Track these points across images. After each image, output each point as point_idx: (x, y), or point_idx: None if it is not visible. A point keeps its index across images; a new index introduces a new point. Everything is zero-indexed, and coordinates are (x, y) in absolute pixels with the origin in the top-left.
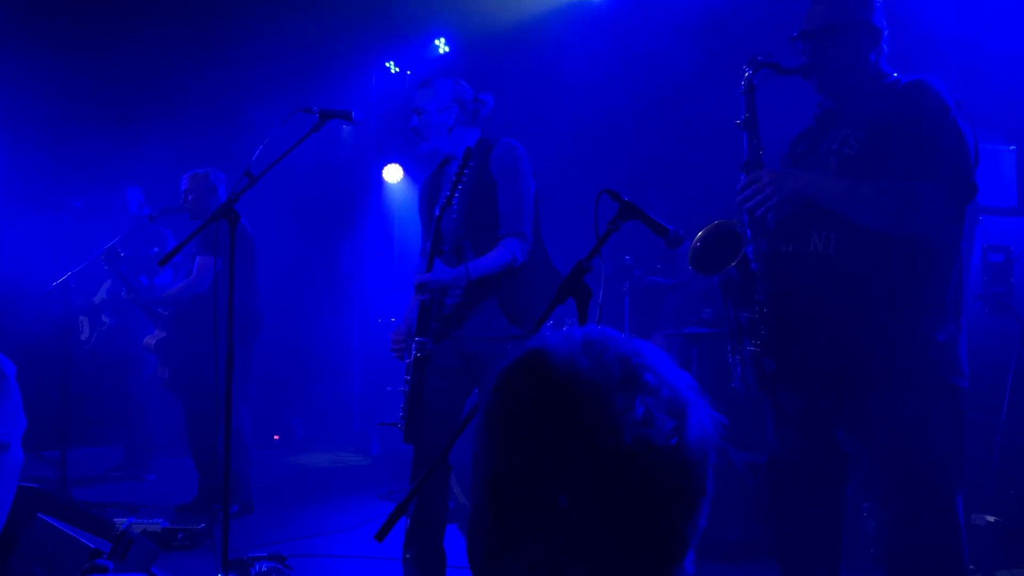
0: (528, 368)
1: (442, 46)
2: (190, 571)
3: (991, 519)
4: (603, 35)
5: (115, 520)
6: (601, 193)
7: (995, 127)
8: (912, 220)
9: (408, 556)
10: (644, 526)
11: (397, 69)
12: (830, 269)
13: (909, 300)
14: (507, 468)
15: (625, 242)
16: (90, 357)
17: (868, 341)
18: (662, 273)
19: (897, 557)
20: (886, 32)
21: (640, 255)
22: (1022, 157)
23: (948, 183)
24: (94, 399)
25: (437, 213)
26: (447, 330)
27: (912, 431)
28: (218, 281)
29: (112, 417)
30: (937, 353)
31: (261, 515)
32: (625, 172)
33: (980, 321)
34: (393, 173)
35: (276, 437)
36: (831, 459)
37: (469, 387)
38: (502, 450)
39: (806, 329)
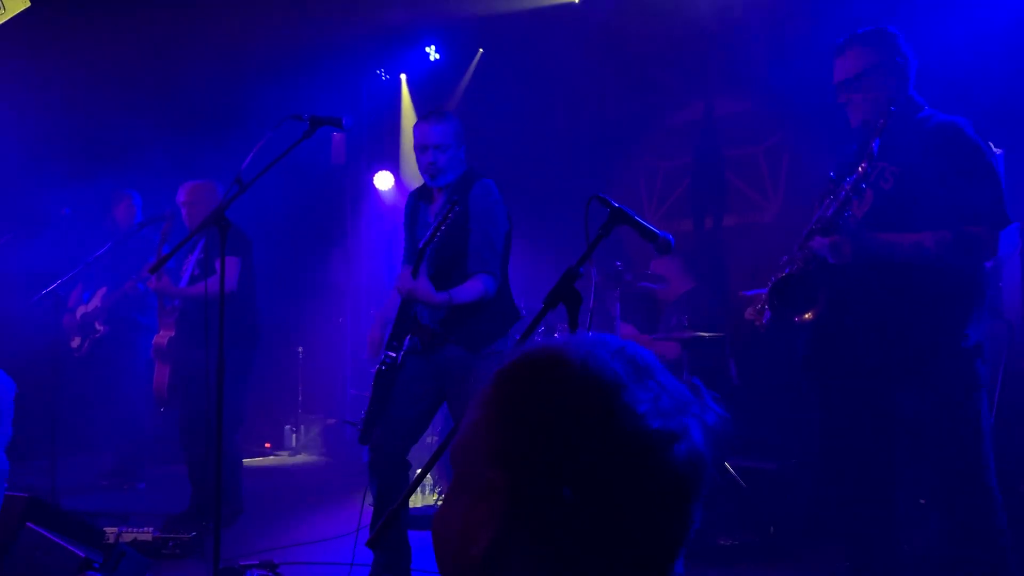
0: (546, 363)
1: (432, 53)
2: None
3: None
4: (593, 40)
5: (105, 529)
6: (591, 199)
7: (983, 130)
8: (973, 258)
9: (378, 553)
10: (642, 524)
11: (388, 76)
12: (883, 274)
13: (953, 302)
14: (517, 461)
15: (615, 248)
16: (81, 365)
17: (915, 338)
18: (652, 279)
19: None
20: (913, 62)
21: (630, 261)
22: (1011, 160)
23: (993, 221)
24: (84, 407)
25: (421, 246)
26: (423, 345)
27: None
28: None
29: (102, 425)
30: (974, 349)
31: (252, 523)
32: (615, 177)
33: None
34: (384, 180)
35: (268, 445)
36: (881, 446)
37: (438, 399)
38: (513, 443)
39: (861, 322)
